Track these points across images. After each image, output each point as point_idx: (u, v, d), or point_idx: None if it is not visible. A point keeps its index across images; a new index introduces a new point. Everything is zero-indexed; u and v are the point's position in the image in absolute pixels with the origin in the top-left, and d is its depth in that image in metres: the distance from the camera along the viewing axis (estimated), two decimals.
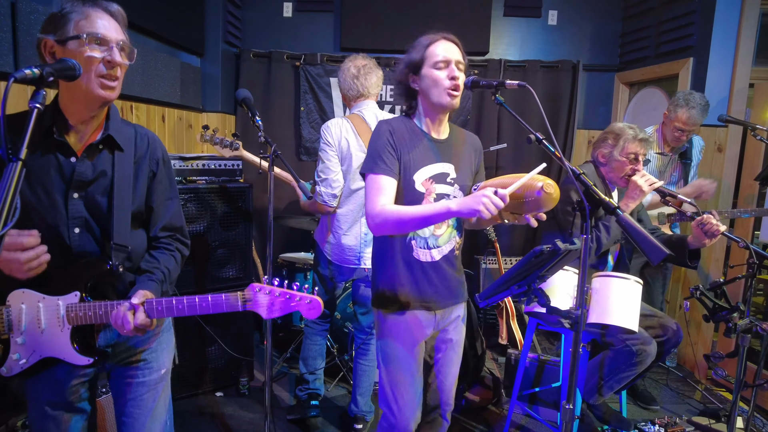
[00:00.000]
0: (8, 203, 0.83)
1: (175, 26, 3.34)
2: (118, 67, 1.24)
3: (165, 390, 1.53)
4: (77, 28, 1.19)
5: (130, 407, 1.45)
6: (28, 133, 0.90)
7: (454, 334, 1.80)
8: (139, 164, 1.37)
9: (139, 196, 1.38)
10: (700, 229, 2.12)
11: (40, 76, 0.95)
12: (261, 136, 1.93)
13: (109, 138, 1.30)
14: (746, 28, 3.17)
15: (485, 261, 3.82)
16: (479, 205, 1.33)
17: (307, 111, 4.17)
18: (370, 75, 2.46)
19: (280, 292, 1.28)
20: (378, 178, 1.58)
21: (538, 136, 1.39)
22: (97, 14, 1.22)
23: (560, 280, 2.07)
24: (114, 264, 1.29)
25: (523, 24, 4.21)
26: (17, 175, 0.86)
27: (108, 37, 1.21)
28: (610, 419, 2.45)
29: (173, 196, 1.49)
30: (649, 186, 2.17)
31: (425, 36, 1.64)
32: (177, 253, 1.49)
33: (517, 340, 3.44)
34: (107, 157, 1.31)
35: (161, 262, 1.42)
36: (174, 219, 1.48)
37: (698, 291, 1.89)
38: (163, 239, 1.46)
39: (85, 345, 1.31)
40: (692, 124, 2.82)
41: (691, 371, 3.41)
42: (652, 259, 1.21)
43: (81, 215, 1.28)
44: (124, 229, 1.31)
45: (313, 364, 2.68)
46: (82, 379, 1.39)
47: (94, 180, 1.29)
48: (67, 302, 1.26)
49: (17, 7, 2.04)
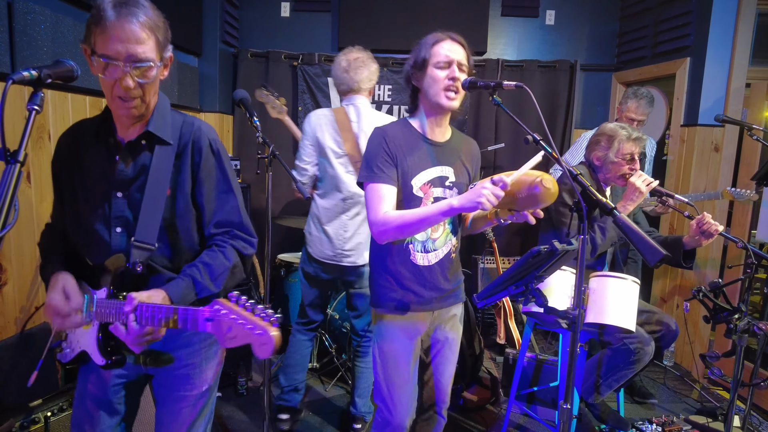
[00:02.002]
0: (7, 205, 0.83)
1: (173, 26, 3.31)
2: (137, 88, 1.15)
3: (207, 406, 1.43)
4: (96, 44, 1.11)
5: (167, 418, 1.39)
6: (26, 135, 0.90)
7: (450, 333, 1.80)
8: (182, 156, 1.27)
9: (182, 189, 1.27)
10: (698, 229, 2.13)
11: (38, 77, 0.94)
12: (259, 136, 1.92)
13: (148, 133, 1.24)
14: (743, 28, 3.18)
15: (483, 261, 3.83)
16: (480, 197, 1.33)
17: (304, 111, 4.17)
18: (361, 69, 2.35)
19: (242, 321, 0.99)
20: (377, 186, 1.57)
21: (535, 137, 1.40)
22: (109, 29, 1.09)
23: (558, 280, 2.07)
24: (133, 262, 1.20)
25: (521, 24, 4.21)
26: (16, 177, 0.86)
27: (119, 56, 1.10)
28: (607, 418, 2.46)
29: (228, 189, 1.34)
30: (646, 186, 2.18)
31: (432, 35, 1.63)
32: (229, 249, 1.31)
33: (515, 340, 3.45)
34: (149, 153, 1.25)
35: (200, 259, 1.28)
36: (231, 214, 1.33)
37: (701, 293, 1.89)
38: (217, 236, 1.32)
39: (108, 345, 1.25)
40: (641, 113, 3.06)
41: (688, 370, 3.43)
42: (649, 260, 1.21)
43: (122, 215, 1.24)
44: (150, 225, 1.22)
45: (292, 377, 2.60)
46: (124, 380, 1.36)
47: (136, 178, 1.24)
48: (99, 297, 1.24)
49: (14, 7, 2.03)
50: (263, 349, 0.97)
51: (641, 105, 3.06)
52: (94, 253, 1.27)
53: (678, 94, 3.49)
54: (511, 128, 4.14)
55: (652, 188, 2.19)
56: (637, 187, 2.18)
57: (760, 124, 3.06)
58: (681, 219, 3.49)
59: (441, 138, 1.70)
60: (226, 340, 1.01)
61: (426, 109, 1.66)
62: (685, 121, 3.46)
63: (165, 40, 1.19)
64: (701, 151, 3.34)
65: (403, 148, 1.61)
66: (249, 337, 0.98)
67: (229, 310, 1.00)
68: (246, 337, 0.98)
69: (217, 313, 1.01)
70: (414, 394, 1.77)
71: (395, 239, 1.62)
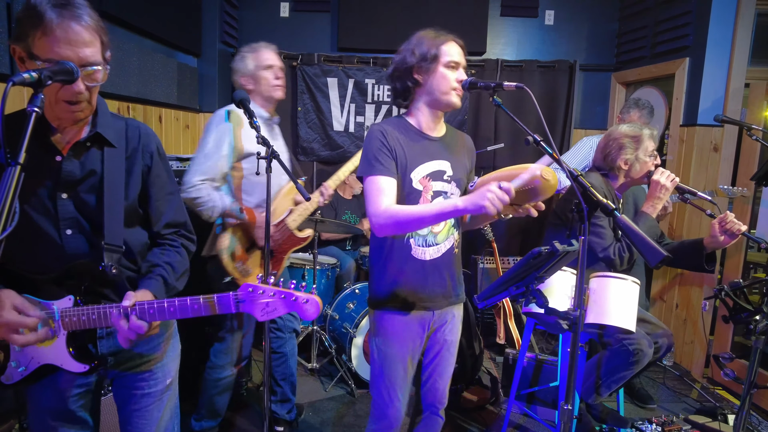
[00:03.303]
0: (7, 207, 0.83)
1: (172, 26, 3.33)
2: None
3: (171, 399, 1.47)
4: (36, 47, 1.06)
5: (135, 418, 1.39)
6: (26, 136, 0.89)
7: (449, 334, 1.80)
8: (131, 159, 1.30)
9: (133, 192, 1.31)
10: (721, 228, 2.07)
11: (38, 79, 0.93)
12: (258, 137, 1.92)
13: (96, 135, 1.23)
14: (742, 28, 3.18)
15: (483, 261, 3.83)
16: (485, 200, 1.33)
17: (304, 111, 4.17)
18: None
19: (275, 292, 1.18)
20: (377, 179, 1.57)
21: (536, 138, 1.40)
22: (55, 32, 1.05)
23: (557, 280, 2.07)
24: (107, 265, 1.22)
25: (520, 24, 4.22)
26: (16, 179, 0.86)
27: (69, 61, 1.06)
28: (607, 418, 2.46)
29: (174, 190, 1.41)
30: (671, 182, 2.12)
31: (429, 32, 1.63)
32: (182, 249, 1.40)
33: (515, 340, 3.45)
34: (96, 154, 1.24)
35: (162, 259, 1.34)
36: (177, 214, 1.41)
37: (723, 291, 1.85)
38: (168, 236, 1.39)
39: (83, 351, 1.26)
40: (644, 122, 3.05)
41: (687, 370, 3.43)
42: (650, 261, 1.21)
43: (71, 216, 1.22)
44: (116, 228, 1.25)
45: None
46: (85, 388, 1.33)
47: (84, 179, 1.23)
48: (62, 307, 1.21)
49: (12, 8, 2.03)
50: (309, 310, 1.18)
51: (644, 115, 3.09)
52: (42, 258, 1.22)
53: (677, 94, 3.50)
54: (511, 128, 4.14)
55: (677, 184, 2.14)
56: (662, 184, 2.12)
57: (759, 124, 3.06)
58: (680, 220, 3.49)
59: (437, 133, 1.71)
60: (264, 315, 1.18)
61: (425, 105, 1.66)
62: (684, 121, 3.46)
63: (107, 41, 1.17)
64: (700, 151, 3.35)
65: (401, 142, 1.62)
66: (291, 305, 1.18)
67: (263, 289, 1.17)
68: (289, 307, 1.18)
69: (253, 294, 1.18)
70: (409, 391, 1.77)
71: (395, 234, 1.62)
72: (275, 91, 2.24)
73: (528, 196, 1.44)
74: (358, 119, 4.21)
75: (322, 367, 3.23)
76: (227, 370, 2.34)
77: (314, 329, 3.22)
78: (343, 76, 4.13)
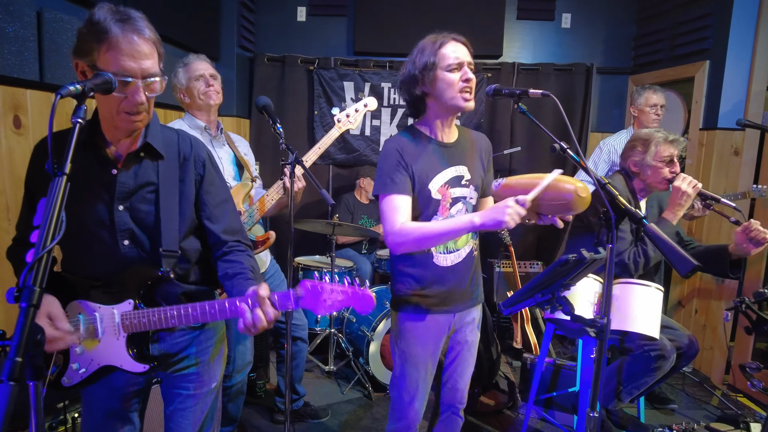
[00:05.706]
0: (55, 218, 0.85)
1: (191, 31, 3.37)
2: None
3: (214, 402, 1.50)
4: (101, 61, 1.11)
5: (178, 416, 1.43)
6: (71, 147, 0.91)
7: (470, 335, 1.82)
8: (184, 168, 1.33)
9: (187, 201, 1.34)
10: (745, 236, 2.04)
11: (82, 91, 0.96)
12: (282, 143, 1.93)
13: (148, 145, 1.27)
14: (764, 31, 3.14)
15: (499, 264, 3.81)
16: (504, 215, 1.35)
17: (320, 114, 4.20)
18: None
19: (331, 288, 1.22)
20: (392, 198, 1.58)
21: (562, 146, 1.40)
22: (120, 45, 1.10)
23: (580, 286, 2.06)
24: (165, 270, 1.27)
25: (536, 27, 4.20)
26: (63, 190, 0.88)
27: (134, 73, 1.12)
28: (627, 424, 2.45)
29: (228, 198, 1.44)
30: (693, 189, 2.09)
31: (430, 37, 1.62)
32: (251, 251, 1.43)
33: (532, 344, 3.44)
34: (150, 165, 1.29)
35: (245, 263, 1.36)
36: (233, 221, 1.42)
37: (743, 304, 1.83)
38: (232, 243, 1.39)
39: (141, 352, 1.32)
40: (659, 98, 3.18)
41: (707, 376, 3.39)
42: (680, 271, 1.21)
43: (128, 227, 1.27)
44: (172, 235, 1.29)
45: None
46: (137, 387, 1.39)
47: (137, 189, 1.27)
48: (122, 310, 1.27)
49: (42, 16, 2.07)
50: (365, 305, 1.22)
51: (657, 91, 3.19)
52: (101, 267, 1.27)
53: (696, 97, 3.46)
54: (527, 132, 4.11)
55: (699, 190, 2.11)
56: (684, 191, 2.10)
57: None
58: (700, 224, 3.46)
59: (451, 138, 1.71)
60: (323, 309, 1.21)
61: (437, 113, 1.66)
62: (704, 125, 3.43)
63: (162, 52, 1.22)
64: (720, 154, 3.31)
65: (417, 156, 1.62)
66: (348, 300, 1.22)
67: (321, 284, 1.22)
68: (346, 301, 1.22)
69: (313, 290, 1.21)
70: (428, 392, 1.79)
71: (412, 251, 1.64)
72: (208, 98, 2.19)
73: (559, 209, 1.45)
74: (374, 123, 4.22)
75: (339, 370, 3.25)
76: (233, 379, 2.37)
77: (331, 332, 3.24)
78: (359, 80, 4.14)
